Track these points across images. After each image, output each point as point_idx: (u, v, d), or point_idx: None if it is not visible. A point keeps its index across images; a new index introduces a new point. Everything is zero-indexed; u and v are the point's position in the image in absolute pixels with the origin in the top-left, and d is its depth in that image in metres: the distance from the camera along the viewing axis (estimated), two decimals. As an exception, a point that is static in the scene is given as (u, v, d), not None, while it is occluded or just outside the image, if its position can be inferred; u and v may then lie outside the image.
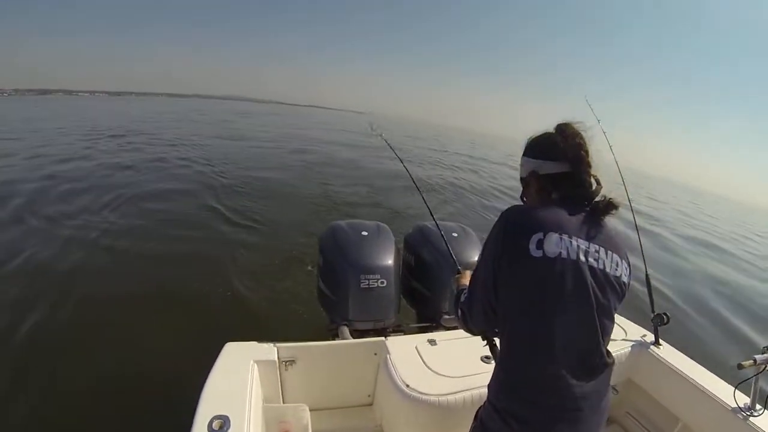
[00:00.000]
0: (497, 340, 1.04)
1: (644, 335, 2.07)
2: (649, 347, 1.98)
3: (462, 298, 1.12)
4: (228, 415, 1.24)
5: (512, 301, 0.91)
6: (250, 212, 6.47)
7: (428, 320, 2.47)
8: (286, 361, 1.73)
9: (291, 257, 4.80)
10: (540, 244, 0.86)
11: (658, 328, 1.99)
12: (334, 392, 1.92)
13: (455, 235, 2.47)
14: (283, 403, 1.79)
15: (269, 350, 1.70)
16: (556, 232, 0.87)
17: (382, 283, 2.22)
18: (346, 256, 2.26)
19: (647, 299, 2.10)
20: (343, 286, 2.23)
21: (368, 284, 2.20)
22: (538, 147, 1.05)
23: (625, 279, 0.92)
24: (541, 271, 0.86)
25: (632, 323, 2.18)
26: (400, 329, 2.40)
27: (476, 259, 2.33)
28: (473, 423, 1.04)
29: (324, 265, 2.38)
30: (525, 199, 1.11)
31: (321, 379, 1.85)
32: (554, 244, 0.86)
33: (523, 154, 1.08)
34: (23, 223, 5.26)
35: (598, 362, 0.90)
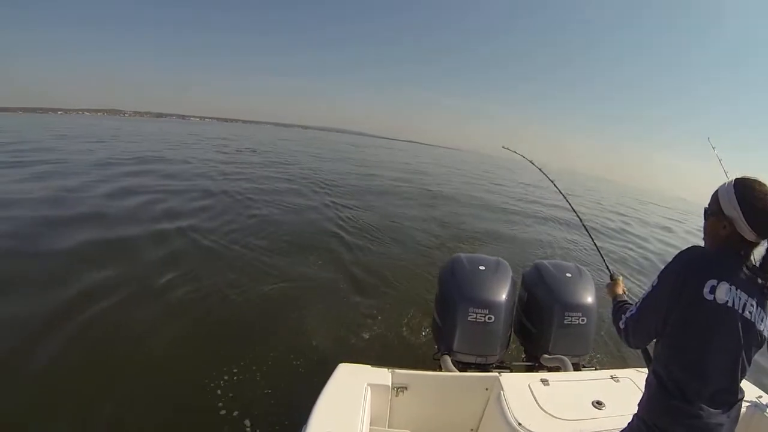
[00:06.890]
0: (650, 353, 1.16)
1: (760, 396, 1.88)
2: (765, 410, 1.80)
3: (627, 314, 1.21)
4: None
5: (677, 333, 1.05)
6: (375, 239, 6.65)
7: (532, 359, 2.46)
8: (398, 387, 1.76)
9: (412, 285, 4.88)
10: (713, 290, 1.00)
11: None
12: (438, 422, 1.92)
13: (569, 275, 2.48)
14: (388, 427, 1.81)
15: (384, 375, 1.74)
16: (727, 282, 1.00)
17: (490, 318, 2.23)
18: (459, 288, 2.33)
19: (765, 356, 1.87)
20: (451, 317, 2.28)
21: (475, 318, 2.23)
22: (752, 208, 1.05)
23: (766, 333, 1.04)
24: (708, 314, 1.00)
25: (747, 382, 1.94)
26: (504, 366, 2.39)
27: (587, 300, 2.30)
28: None
29: (439, 296, 2.48)
30: (707, 226, 1.17)
31: (428, 408, 1.86)
32: (724, 292, 1.00)
33: (736, 192, 1.08)
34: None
35: (733, 399, 1.05)
